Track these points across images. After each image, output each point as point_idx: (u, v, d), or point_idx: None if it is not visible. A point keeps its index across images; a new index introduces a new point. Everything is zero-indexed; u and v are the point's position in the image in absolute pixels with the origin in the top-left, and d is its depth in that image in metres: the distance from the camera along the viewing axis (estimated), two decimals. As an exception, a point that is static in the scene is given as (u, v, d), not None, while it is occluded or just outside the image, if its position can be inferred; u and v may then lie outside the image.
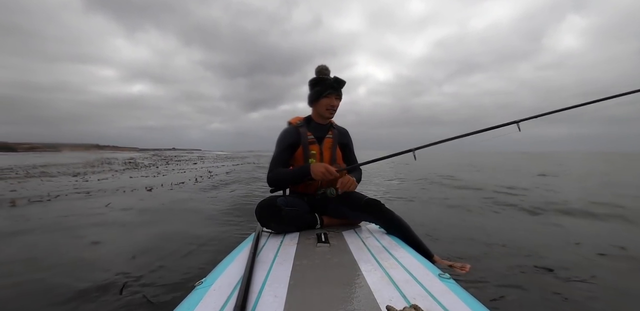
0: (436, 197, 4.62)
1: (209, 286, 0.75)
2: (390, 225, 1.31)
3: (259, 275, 0.81)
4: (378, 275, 0.81)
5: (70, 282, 1.53)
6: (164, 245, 2.15)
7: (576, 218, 3.17)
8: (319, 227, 1.41)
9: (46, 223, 2.77)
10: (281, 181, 1.44)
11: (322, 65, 1.49)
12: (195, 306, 0.64)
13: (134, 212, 3.35)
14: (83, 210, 3.37)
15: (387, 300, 0.65)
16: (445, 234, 2.46)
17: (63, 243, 2.21)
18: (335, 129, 1.58)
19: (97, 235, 2.42)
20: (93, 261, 1.86)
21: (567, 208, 3.62)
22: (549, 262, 1.81)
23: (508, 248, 2.11)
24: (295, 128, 1.51)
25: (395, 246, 1.11)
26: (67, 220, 2.90)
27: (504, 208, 3.68)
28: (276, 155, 1.47)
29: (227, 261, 0.96)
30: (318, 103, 1.47)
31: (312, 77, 1.51)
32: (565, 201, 4.11)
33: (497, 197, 4.54)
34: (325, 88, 1.44)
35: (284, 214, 1.28)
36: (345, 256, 0.99)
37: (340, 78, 1.46)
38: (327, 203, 1.47)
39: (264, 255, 1.00)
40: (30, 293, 1.44)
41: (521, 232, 2.60)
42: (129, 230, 2.63)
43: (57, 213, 3.23)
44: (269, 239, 1.22)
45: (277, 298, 0.67)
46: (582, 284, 1.53)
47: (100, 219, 2.98)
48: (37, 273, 1.65)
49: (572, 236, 2.44)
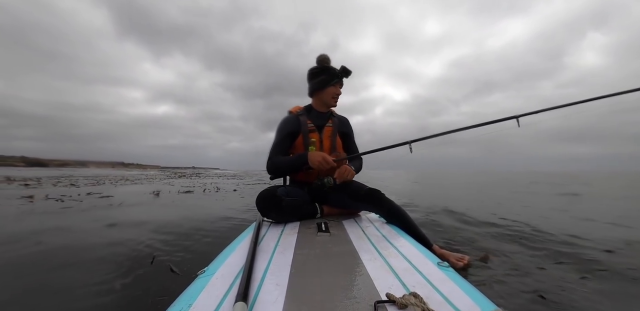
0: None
1: (211, 275, 0.76)
2: (390, 215, 1.32)
3: (260, 263, 0.82)
4: (378, 263, 0.82)
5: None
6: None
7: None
8: (319, 216, 1.42)
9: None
10: (280, 168, 1.44)
11: (323, 54, 1.47)
12: (198, 294, 0.65)
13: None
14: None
15: (386, 288, 0.66)
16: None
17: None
18: (336, 118, 1.57)
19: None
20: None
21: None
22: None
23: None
24: (296, 116, 1.50)
25: (395, 235, 1.12)
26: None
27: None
28: (276, 142, 1.47)
29: (228, 251, 0.97)
30: (324, 92, 1.46)
31: (312, 66, 1.49)
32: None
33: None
34: (332, 77, 1.44)
35: (285, 204, 1.28)
36: (346, 245, 1.00)
37: (348, 68, 1.44)
38: (327, 192, 1.48)
39: (265, 245, 1.01)
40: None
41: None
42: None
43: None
44: (269, 229, 1.23)
45: (279, 286, 0.68)
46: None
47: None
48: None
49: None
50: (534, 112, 1.39)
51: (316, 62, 1.49)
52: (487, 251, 1.59)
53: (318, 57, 1.48)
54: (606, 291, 1.15)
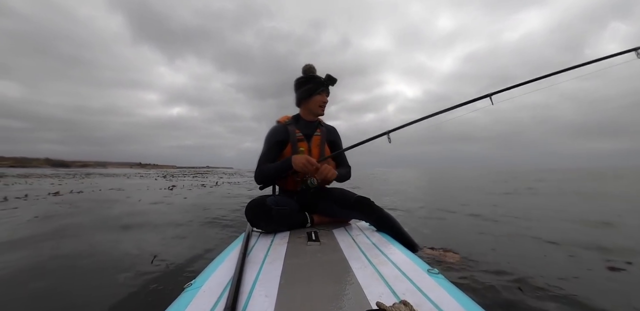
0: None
1: (199, 288, 0.74)
2: (380, 223, 1.32)
3: (249, 275, 0.81)
4: (368, 271, 0.82)
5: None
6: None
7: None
8: (309, 225, 1.41)
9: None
10: (266, 176, 1.43)
11: (308, 64, 1.51)
12: (185, 308, 0.63)
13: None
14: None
15: (377, 296, 0.66)
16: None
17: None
18: (324, 127, 1.59)
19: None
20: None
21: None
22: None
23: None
24: (284, 126, 1.50)
25: (385, 243, 1.12)
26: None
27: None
28: (264, 152, 1.47)
29: (217, 262, 0.95)
30: (310, 101, 1.48)
31: (298, 76, 1.52)
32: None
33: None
34: (318, 86, 1.47)
35: (274, 213, 1.27)
36: (336, 254, 0.99)
37: (333, 76, 1.47)
38: (317, 201, 1.48)
39: (254, 255, 0.99)
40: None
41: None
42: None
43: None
44: (259, 239, 1.22)
45: (268, 297, 0.67)
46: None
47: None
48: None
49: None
50: (506, 89, 1.41)
51: (302, 71, 1.52)
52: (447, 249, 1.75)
53: (303, 67, 1.51)
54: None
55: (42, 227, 2.53)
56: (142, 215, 3.29)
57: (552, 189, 6.97)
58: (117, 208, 3.83)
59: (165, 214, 3.35)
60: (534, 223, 2.79)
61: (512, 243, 2.05)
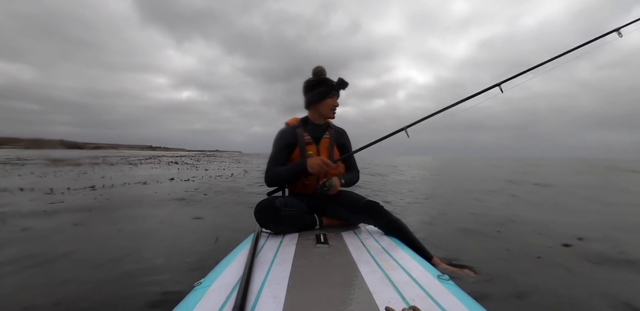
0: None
1: (208, 287, 0.74)
2: (389, 227, 1.30)
3: (258, 275, 0.81)
4: (377, 276, 0.81)
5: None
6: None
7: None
8: (318, 227, 1.41)
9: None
10: (278, 179, 1.43)
11: (319, 66, 1.50)
12: (194, 306, 0.64)
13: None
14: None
15: (386, 301, 0.65)
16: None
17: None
18: (333, 129, 1.58)
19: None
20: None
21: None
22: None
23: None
24: (292, 128, 1.50)
25: (394, 247, 1.11)
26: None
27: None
28: (273, 155, 1.47)
29: (226, 262, 0.95)
30: (321, 104, 1.48)
31: (308, 78, 1.51)
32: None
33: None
34: (330, 89, 1.45)
35: (283, 215, 1.27)
36: (345, 257, 0.98)
37: (345, 80, 1.47)
38: (325, 204, 1.47)
39: (263, 256, 0.99)
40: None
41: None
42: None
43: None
44: (268, 239, 1.22)
45: (276, 298, 0.67)
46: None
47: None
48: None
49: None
50: (515, 76, 1.45)
51: (312, 73, 1.51)
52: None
53: (314, 69, 1.50)
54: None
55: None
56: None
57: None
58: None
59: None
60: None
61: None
